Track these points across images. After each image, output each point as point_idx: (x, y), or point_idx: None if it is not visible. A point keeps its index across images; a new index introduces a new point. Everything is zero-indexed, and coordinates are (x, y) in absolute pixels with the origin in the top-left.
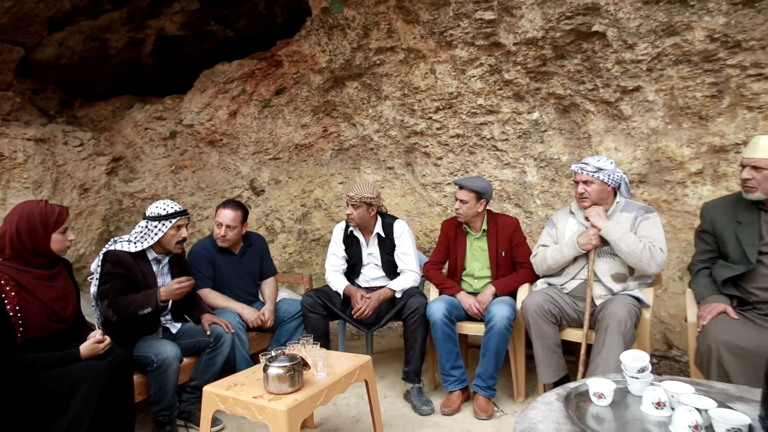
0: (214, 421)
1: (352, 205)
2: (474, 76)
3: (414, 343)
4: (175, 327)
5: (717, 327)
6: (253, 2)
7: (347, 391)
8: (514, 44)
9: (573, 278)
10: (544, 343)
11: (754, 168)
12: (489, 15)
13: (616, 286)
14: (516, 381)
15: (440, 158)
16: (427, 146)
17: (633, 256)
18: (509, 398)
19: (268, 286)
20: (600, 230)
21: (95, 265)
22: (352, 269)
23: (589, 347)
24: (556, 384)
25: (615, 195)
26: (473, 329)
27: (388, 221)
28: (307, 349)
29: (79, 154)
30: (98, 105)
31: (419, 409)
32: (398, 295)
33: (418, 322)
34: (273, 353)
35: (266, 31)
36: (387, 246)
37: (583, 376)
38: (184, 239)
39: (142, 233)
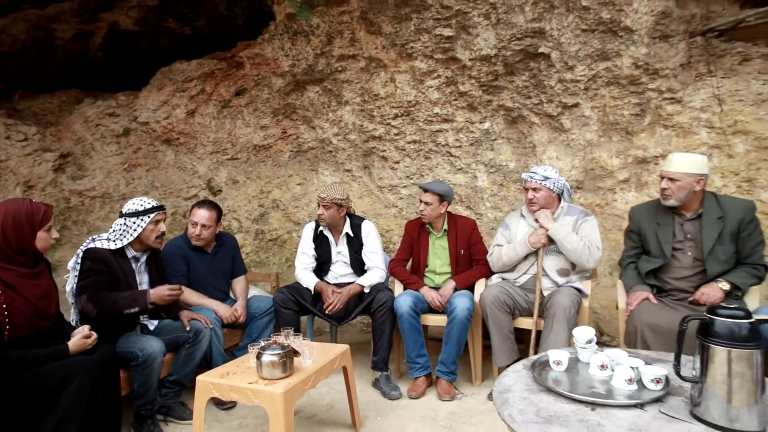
0: (188, 415)
1: (324, 206)
2: (432, 87)
3: (382, 335)
4: (152, 324)
5: (641, 311)
6: (214, 2)
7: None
8: (470, 60)
9: (524, 273)
10: (500, 331)
11: (670, 179)
12: (448, 32)
13: (561, 279)
14: (474, 366)
15: (397, 162)
16: (384, 150)
17: (575, 254)
18: (468, 382)
19: (239, 283)
20: (548, 231)
21: (73, 263)
22: (321, 267)
23: (538, 333)
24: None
25: (559, 200)
26: (435, 320)
27: (356, 221)
28: (290, 340)
29: (23, 149)
30: (42, 98)
31: (388, 395)
32: (366, 290)
33: (386, 315)
34: (263, 343)
35: (226, 32)
36: (355, 245)
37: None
38: (163, 233)
39: (121, 231)
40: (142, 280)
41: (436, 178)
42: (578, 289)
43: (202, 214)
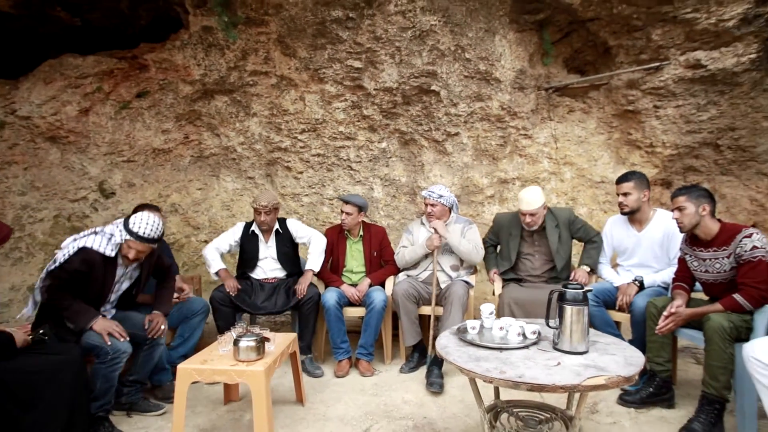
0: (157, 407)
1: (266, 212)
2: (338, 108)
3: (308, 324)
4: (110, 314)
5: (508, 291)
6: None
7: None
8: (374, 89)
9: (424, 270)
10: (408, 317)
11: (532, 215)
12: (358, 64)
13: (453, 274)
14: (385, 348)
15: (301, 173)
16: (289, 161)
17: (467, 254)
18: (380, 362)
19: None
20: (444, 238)
21: (66, 251)
22: (248, 263)
23: (436, 317)
24: (415, 346)
25: (450, 212)
26: (354, 312)
27: (280, 219)
28: (252, 330)
29: None
30: None
31: (313, 373)
32: (316, 269)
33: (312, 308)
34: (234, 333)
35: (125, 29)
36: (284, 239)
37: (434, 338)
38: (135, 260)
39: (114, 240)
40: (122, 287)
41: (337, 189)
42: (467, 282)
43: None
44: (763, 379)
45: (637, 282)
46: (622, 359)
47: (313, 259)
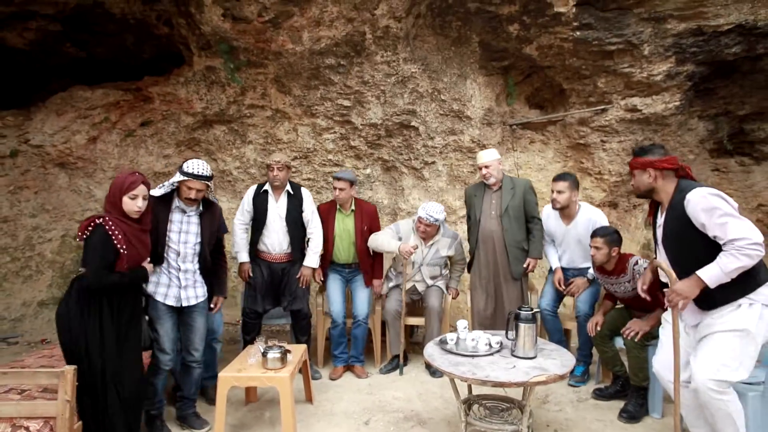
0: (202, 425)
1: (278, 168)
2: (328, 139)
3: (303, 335)
4: (191, 274)
5: (476, 301)
6: (122, 37)
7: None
8: (361, 124)
9: (408, 281)
10: (395, 331)
11: (486, 167)
12: (347, 102)
13: (431, 282)
14: (376, 354)
15: None
16: None
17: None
18: (371, 366)
19: None
20: (413, 249)
21: None
22: (257, 224)
23: (407, 327)
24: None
25: (439, 228)
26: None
27: (294, 184)
28: (276, 344)
29: None
30: None
31: (312, 377)
32: (315, 266)
33: (307, 325)
34: (261, 347)
35: (128, 62)
36: (295, 202)
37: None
38: (195, 199)
39: (166, 185)
40: (188, 239)
41: None
42: (442, 289)
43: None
44: (665, 384)
45: (588, 278)
46: (559, 362)
47: (313, 256)
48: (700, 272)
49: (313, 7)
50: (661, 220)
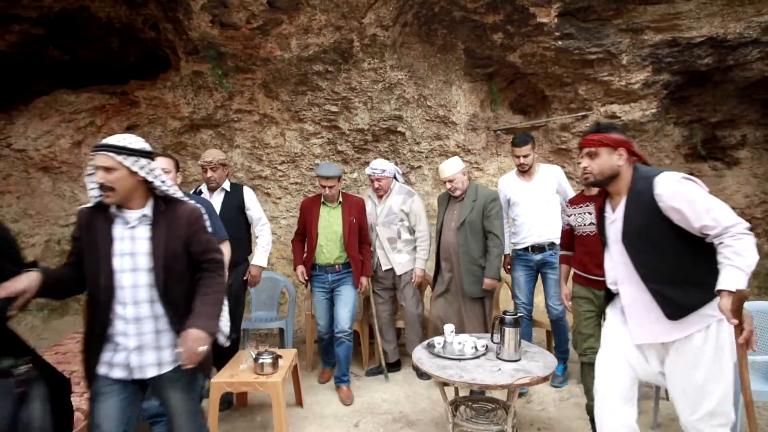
0: None
1: (212, 168)
2: (315, 144)
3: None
4: (166, 338)
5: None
6: (107, 40)
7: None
8: (348, 129)
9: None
10: (391, 342)
11: (450, 181)
12: (334, 108)
13: (389, 247)
14: (364, 357)
15: (279, 198)
16: (269, 188)
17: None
18: (358, 367)
19: None
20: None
21: None
22: None
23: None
24: (385, 354)
25: (395, 179)
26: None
27: (234, 183)
28: (262, 349)
29: None
30: None
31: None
32: (263, 265)
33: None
34: (252, 352)
35: (114, 65)
36: (232, 200)
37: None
38: (100, 187)
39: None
40: (132, 248)
41: None
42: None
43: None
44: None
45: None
46: (542, 364)
47: (261, 254)
48: (724, 285)
49: (302, 15)
50: (616, 214)
